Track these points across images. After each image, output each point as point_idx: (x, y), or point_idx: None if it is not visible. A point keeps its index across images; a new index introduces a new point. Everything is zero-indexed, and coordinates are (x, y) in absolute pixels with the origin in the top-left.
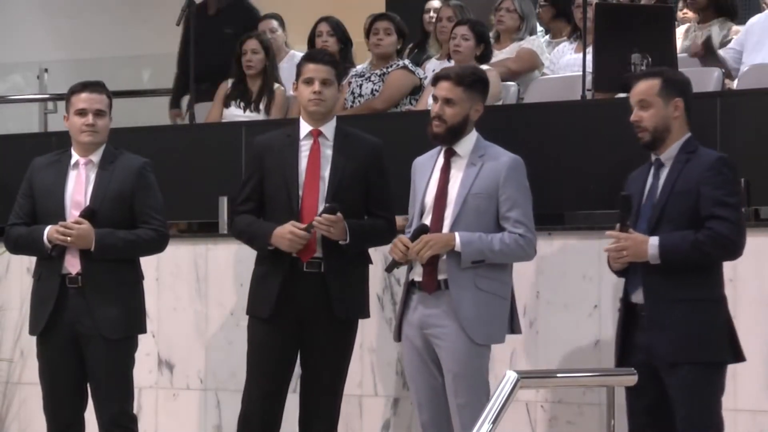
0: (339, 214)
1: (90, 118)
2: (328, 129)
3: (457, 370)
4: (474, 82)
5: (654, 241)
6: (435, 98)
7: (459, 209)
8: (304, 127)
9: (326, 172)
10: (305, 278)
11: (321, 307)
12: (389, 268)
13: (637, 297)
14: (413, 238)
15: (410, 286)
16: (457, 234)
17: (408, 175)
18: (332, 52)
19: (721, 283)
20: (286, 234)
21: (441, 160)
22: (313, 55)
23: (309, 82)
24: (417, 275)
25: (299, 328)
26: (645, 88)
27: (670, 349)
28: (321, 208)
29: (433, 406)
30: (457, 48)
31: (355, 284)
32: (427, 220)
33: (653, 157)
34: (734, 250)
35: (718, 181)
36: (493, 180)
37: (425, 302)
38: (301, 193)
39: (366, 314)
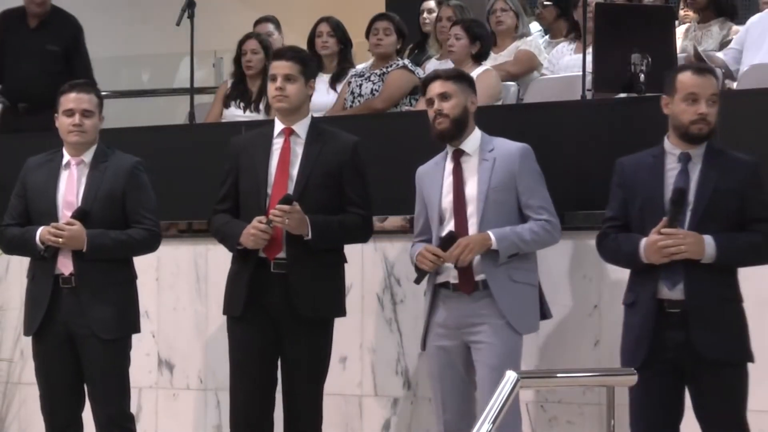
0: (296, 205)
1: (77, 118)
2: (301, 127)
3: (496, 363)
4: (460, 77)
5: (710, 240)
6: (430, 101)
7: (483, 206)
8: (278, 126)
9: (295, 171)
10: (273, 278)
11: (289, 307)
12: (418, 280)
13: (675, 294)
14: (443, 246)
15: (438, 288)
16: (491, 232)
17: (409, 175)
18: (302, 49)
19: None
20: (249, 230)
21: (450, 164)
22: (277, 51)
23: (273, 79)
24: (452, 278)
25: (273, 327)
26: (713, 84)
27: (721, 348)
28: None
29: (458, 406)
30: (450, 48)
31: (325, 283)
32: (450, 225)
33: (676, 151)
34: None
35: (762, 184)
36: (508, 171)
37: (461, 304)
38: (270, 191)
39: (341, 313)
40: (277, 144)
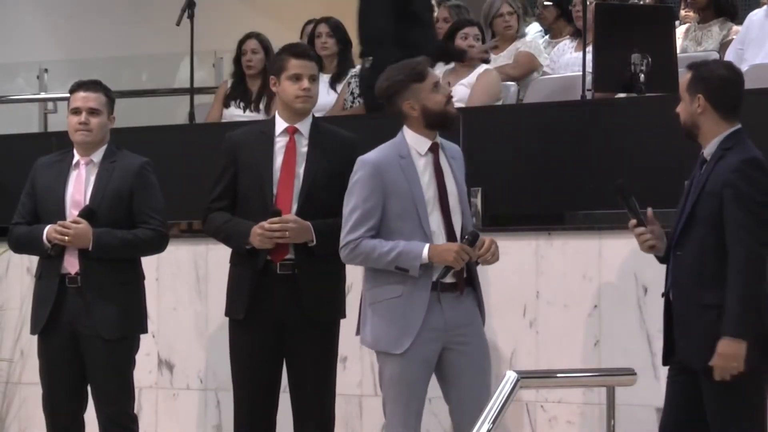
0: (292, 215)
1: (83, 117)
2: (304, 125)
3: (483, 365)
4: None
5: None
6: None
7: (461, 205)
8: (280, 124)
9: (301, 169)
10: (279, 280)
11: (296, 309)
12: (442, 275)
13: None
14: (470, 243)
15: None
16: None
17: None
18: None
19: None
20: (256, 230)
21: (427, 156)
22: (297, 50)
23: (298, 78)
24: (449, 277)
25: (278, 330)
26: (682, 80)
27: (693, 356)
28: (295, 205)
29: (418, 420)
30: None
31: (331, 285)
32: (436, 219)
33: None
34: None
35: (738, 185)
36: (462, 173)
37: (450, 303)
38: (275, 190)
39: (343, 315)
40: (281, 142)
